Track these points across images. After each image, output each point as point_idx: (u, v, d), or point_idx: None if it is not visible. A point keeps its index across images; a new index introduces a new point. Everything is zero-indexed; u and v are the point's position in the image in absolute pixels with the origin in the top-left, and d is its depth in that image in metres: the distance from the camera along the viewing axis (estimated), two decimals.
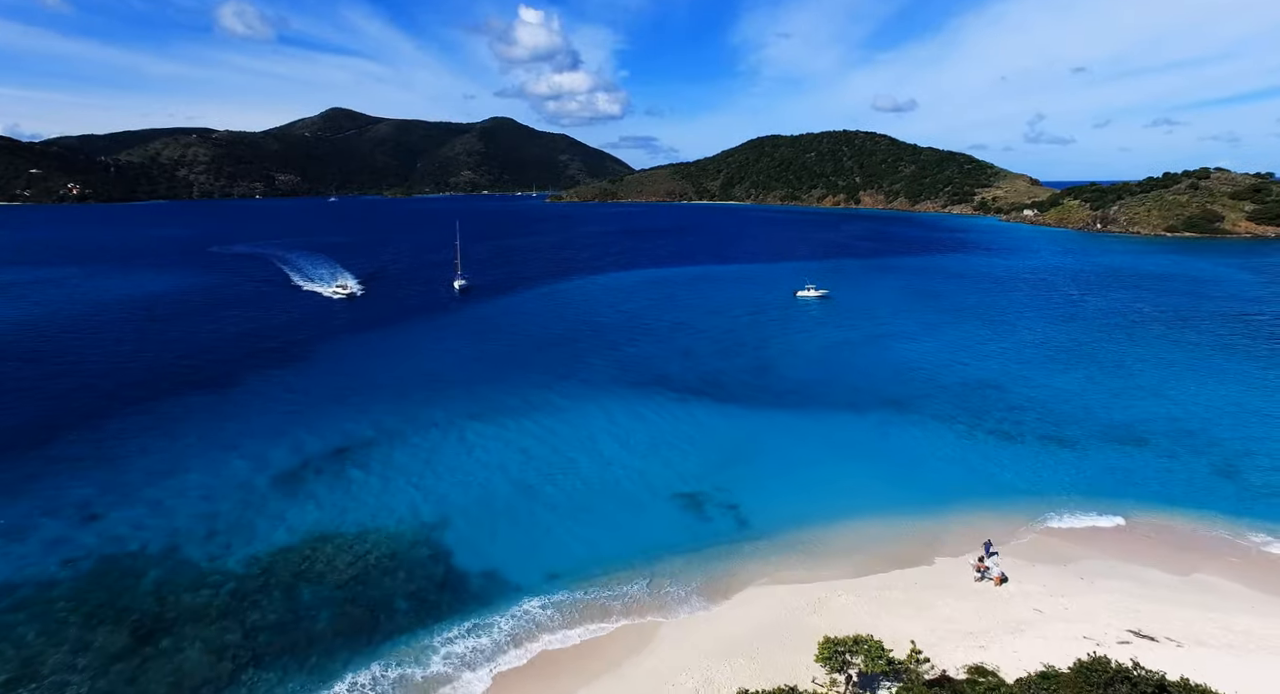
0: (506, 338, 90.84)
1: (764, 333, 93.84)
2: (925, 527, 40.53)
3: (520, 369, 75.51)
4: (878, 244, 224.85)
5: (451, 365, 76.76)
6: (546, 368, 76.17)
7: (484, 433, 56.62)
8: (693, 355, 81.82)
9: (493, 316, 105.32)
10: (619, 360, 79.71)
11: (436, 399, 64.61)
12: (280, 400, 64.35)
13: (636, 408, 62.53)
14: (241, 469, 49.30)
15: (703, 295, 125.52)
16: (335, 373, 73.50)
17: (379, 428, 57.58)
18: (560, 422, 59.17)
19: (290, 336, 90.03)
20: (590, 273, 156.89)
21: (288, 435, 55.60)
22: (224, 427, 57.51)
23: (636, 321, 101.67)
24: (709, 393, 67.19)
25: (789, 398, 65.44)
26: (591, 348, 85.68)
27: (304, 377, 72.10)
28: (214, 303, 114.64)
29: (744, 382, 70.98)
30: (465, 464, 50.63)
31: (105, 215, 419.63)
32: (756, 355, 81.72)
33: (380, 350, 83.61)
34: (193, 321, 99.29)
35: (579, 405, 63.42)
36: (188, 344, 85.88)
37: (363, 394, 66.10)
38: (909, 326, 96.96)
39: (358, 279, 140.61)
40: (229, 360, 78.32)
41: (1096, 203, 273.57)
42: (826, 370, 75.10)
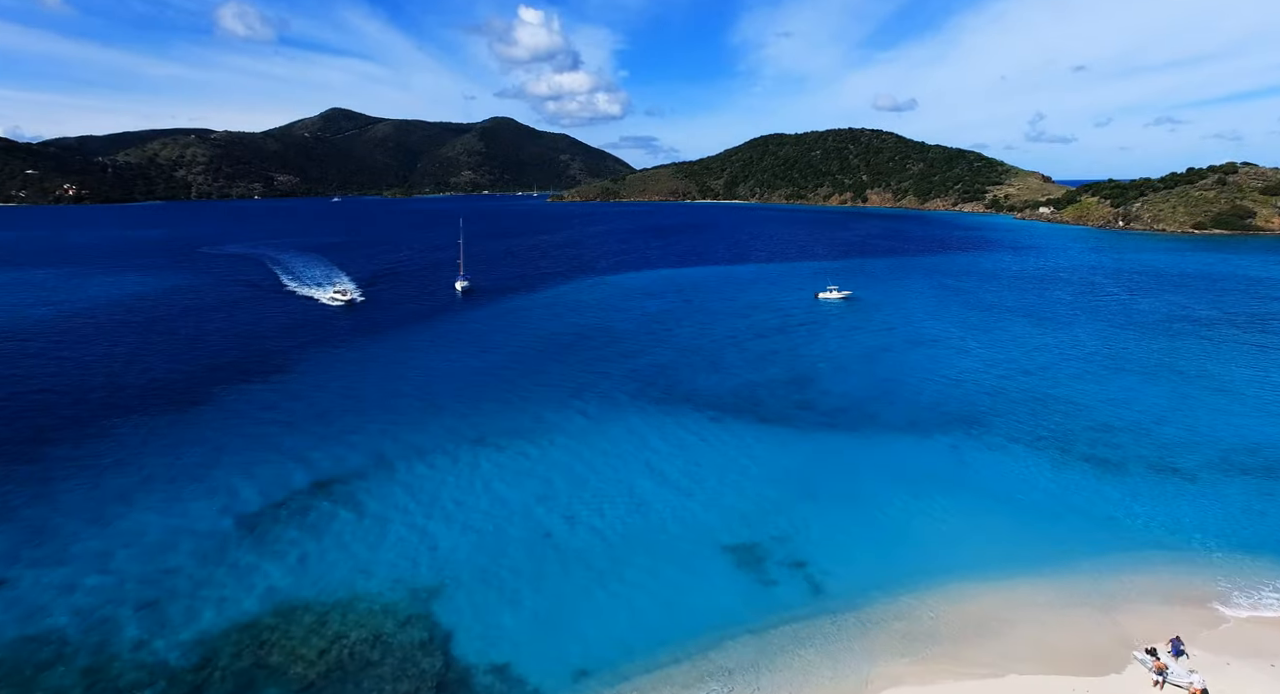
0: (513, 346, 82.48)
1: (795, 339, 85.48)
2: (1048, 597, 32.10)
3: (531, 383, 67.16)
4: (894, 243, 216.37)
5: (453, 380, 68.37)
6: (560, 381, 67.82)
7: (492, 462, 48.31)
8: (721, 366, 73.44)
9: (497, 322, 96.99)
10: (640, 372, 71.32)
11: (436, 420, 56.29)
12: (258, 422, 56.00)
13: (668, 430, 54.17)
14: (202, 512, 41.00)
15: (721, 297, 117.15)
16: (322, 389, 65.12)
17: (369, 455, 49.27)
18: (580, 448, 50.83)
19: (274, 347, 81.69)
20: (600, 273, 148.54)
21: (262, 466, 47.31)
22: (189, 455, 49.19)
23: (654, 327, 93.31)
24: (747, 411, 58.82)
25: (840, 417, 57.02)
26: (608, 357, 77.33)
27: (286, 393, 63.76)
28: (196, 308, 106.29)
29: (785, 397, 62.54)
30: (471, 502, 42.33)
31: (98, 216, 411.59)
32: (792, 365, 73.32)
33: (373, 362, 75.26)
34: (170, 329, 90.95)
35: (600, 427, 55.08)
36: (162, 354, 77.56)
37: (352, 414, 57.75)
38: (951, 330, 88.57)
39: (354, 280, 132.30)
40: (204, 374, 69.99)
41: (1117, 199, 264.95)
42: (874, 382, 66.68)
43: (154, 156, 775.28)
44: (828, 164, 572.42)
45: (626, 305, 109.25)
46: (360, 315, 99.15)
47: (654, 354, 78.74)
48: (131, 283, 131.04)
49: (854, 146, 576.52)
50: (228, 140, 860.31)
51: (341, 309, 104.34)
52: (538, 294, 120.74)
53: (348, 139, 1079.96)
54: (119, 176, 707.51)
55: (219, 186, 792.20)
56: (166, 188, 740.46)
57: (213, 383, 66.38)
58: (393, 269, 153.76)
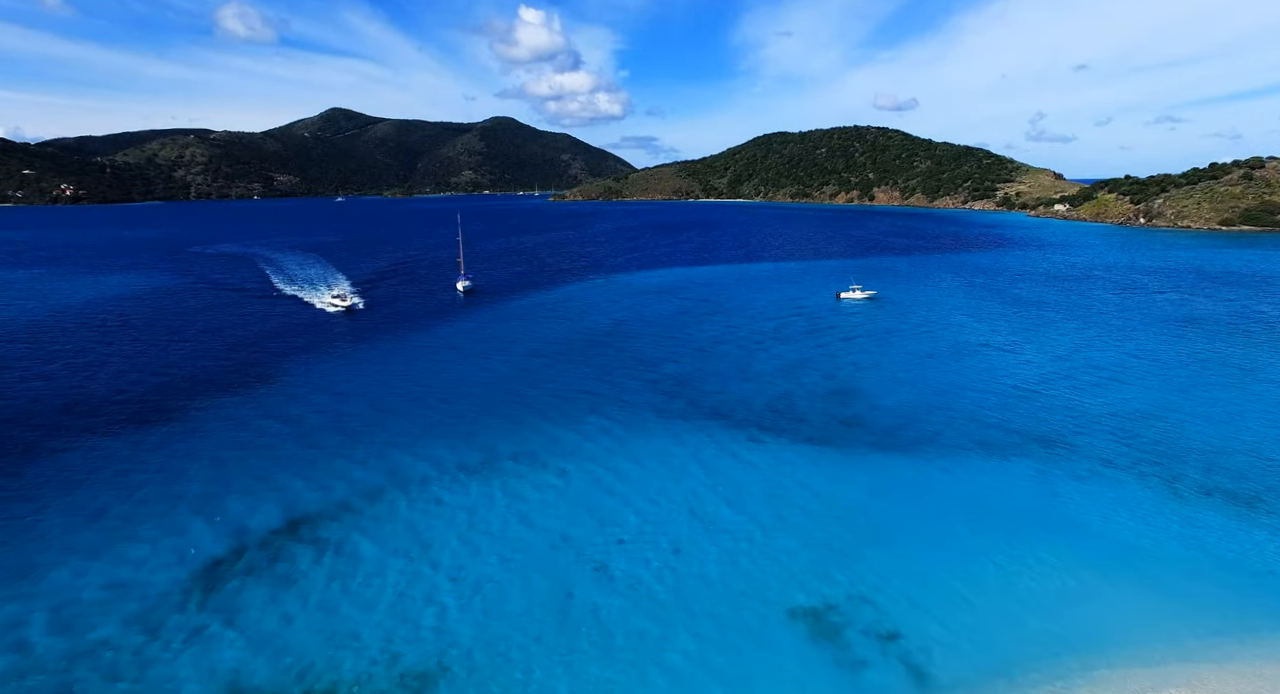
0: (521, 353, 75.23)
1: (827, 343, 78.20)
2: (1241, 684, 24.83)
3: (543, 396, 59.91)
4: (910, 240, 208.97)
5: (458, 393, 61.09)
6: (575, 393, 60.58)
7: (507, 494, 41.14)
8: (752, 374, 66.16)
9: (503, 325, 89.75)
10: (663, 381, 64.05)
11: (439, 442, 49.07)
12: (231, 445, 48.82)
13: (703, 452, 46.96)
14: (155, 561, 33.94)
15: (739, 297, 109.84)
16: (308, 405, 57.89)
17: (361, 486, 42.13)
18: (605, 475, 43.63)
19: (259, 356, 74.51)
20: (609, 271, 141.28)
21: (233, 500, 40.21)
22: (146, 486, 42.09)
23: (672, 330, 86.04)
24: (789, 428, 51.56)
25: (896, 436, 49.74)
26: (625, 364, 70.08)
27: (266, 410, 56.54)
28: (174, 313, 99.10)
29: (829, 412, 55.25)
30: (483, 546, 35.22)
31: (92, 216, 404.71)
32: (830, 374, 66.02)
33: (368, 374, 68.03)
34: (143, 336, 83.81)
35: (625, 449, 47.85)
36: (129, 365, 70.41)
37: (341, 435, 50.55)
38: (998, 334, 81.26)
39: (351, 280, 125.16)
40: (176, 387, 62.84)
41: (1137, 196, 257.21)
42: (927, 394, 59.36)
43: (153, 157, 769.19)
44: (833, 162, 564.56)
45: (640, 306, 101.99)
46: (357, 322, 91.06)
47: (675, 360, 71.50)
48: (109, 284, 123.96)
49: (860, 144, 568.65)
50: (227, 140, 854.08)
51: (339, 315, 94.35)
52: (544, 294, 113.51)
53: (348, 139, 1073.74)
54: (117, 177, 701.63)
55: (218, 187, 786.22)
56: (165, 188, 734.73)
57: (183, 398, 59.21)
58: (392, 269, 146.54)
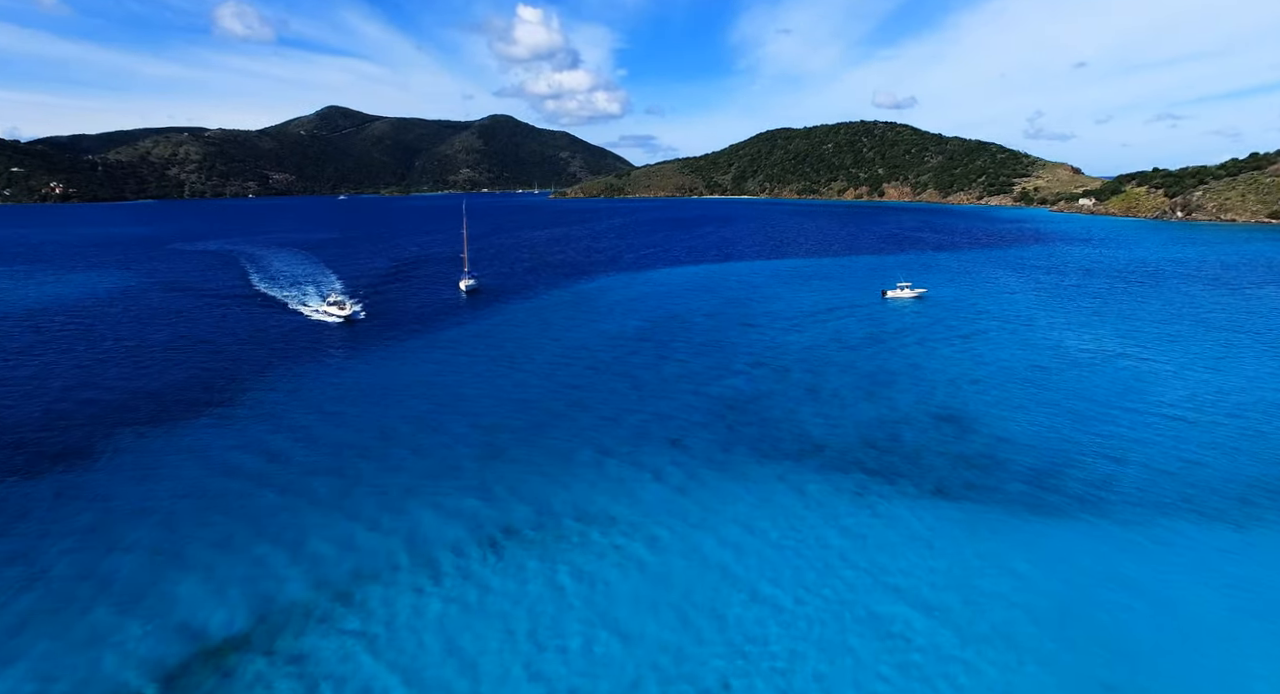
0: (544, 364, 62.51)
1: (900, 351, 65.57)
2: None
3: (586, 421, 47.27)
4: (942, 236, 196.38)
5: (480, 418, 48.33)
6: (623, 418, 47.94)
7: (568, 577, 28.56)
8: (824, 394, 53.49)
9: (519, 329, 76.98)
10: (719, 404, 51.38)
11: (463, 491, 36.49)
12: (187, 491, 36.23)
13: (800, 515, 34.30)
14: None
15: (778, 297, 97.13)
16: (290, 434, 45.22)
17: (358, 564, 29.66)
18: (704, 547, 31.11)
19: (232, 369, 61.76)
20: (626, 268, 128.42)
21: (173, 584, 27.70)
22: (64, 558, 29.42)
23: (714, 336, 73.37)
24: (906, 472, 38.95)
25: (1060, 488, 37.02)
26: (666, 380, 57.40)
27: (237, 440, 43.88)
28: (145, 317, 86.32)
29: (948, 449, 42.59)
30: (541, 676, 22.49)
31: (79, 214, 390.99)
32: (924, 393, 53.37)
33: (366, 393, 55.28)
34: (102, 345, 71.08)
35: (719, 502, 35.25)
36: (83, 376, 57.66)
37: (333, 479, 37.90)
38: (1112, 341, 68.62)
39: (347, 281, 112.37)
40: (131, 406, 50.14)
41: (1172, 188, 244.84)
42: (1062, 420, 46.71)
43: (146, 155, 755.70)
44: (840, 157, 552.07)
45: (671, 307, 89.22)
46: (356, 332, 76.39)
47: (726, 375, 58.83)
48: (73, 285, 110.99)
49: (867, 139, 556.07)
50: (222, 138, 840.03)
51: (338, 327, 78.02)
52: (559, 293, 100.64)
53: (344, 137, 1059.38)
54: (109, 175, 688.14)
55: (213, 185, 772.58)
56: (159, 187, 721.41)
57: (141, 422, 46.48)
58: (393, 268, 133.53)
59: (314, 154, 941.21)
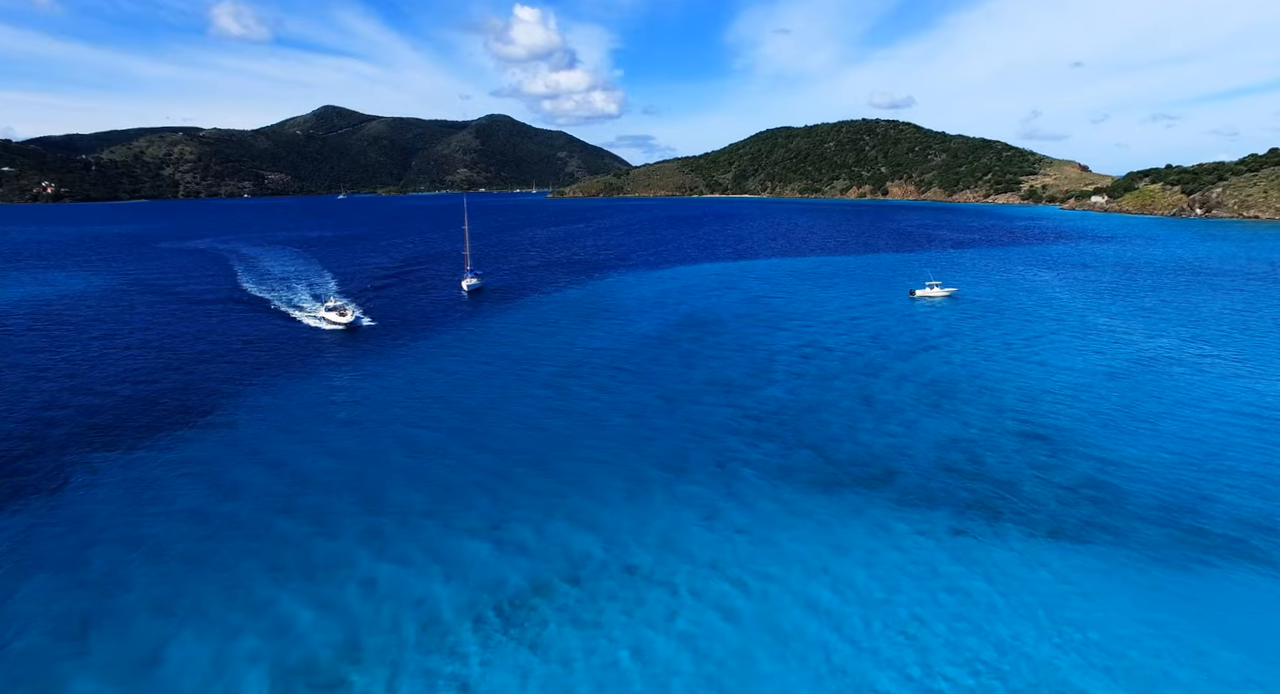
0: (548, 377, 55.79)
1: (955, 357, 58.98)
2: None
3: (588, 453, 40.44)
4: (959, 233, 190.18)
5: (465, 451, 41.50)
6: (633, 444, 41.20)
7: (563, 660, 21.74)
8: (879, 408, 46.86)
9: (521, 336, 70.25)
10: (757, 421, 44.72)
11: (437, 549, 29.65)
12: (132, 539, 29.45)
13: (893, 566, 27.61)
14: None
15: (801, 296, 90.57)
16: (269, 458, 38.51)
17: (294, 649, 22.72)
18: (805, 592, 24.35)
19: (206, 380, 55.06)
20: (635, 266, 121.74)
21: (108, 669, 20.85)
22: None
23: (742, 340, 66.73)
24: (1005, 508, 32.35)
25: (1212, 527, 30.44)
26: (695, 391, 50.71)
27: (205, 468, 37.11)
28: (110, 325, 79.56)
29: (1046, 477, 35.94)
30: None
31: (69, 213, 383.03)
32: (995, 404, 46.79)
33: (364, 408, 48.58)
34: (53, 355, 64.24)
35: (751, 559, 28.48)
36: (27, 392, 50.83)
37: (279, 543, 31.11)
38: (1179, 340, 62.20)
39: (347, 282, 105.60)
40: (89, 423, 43.34)
41: (1189, 185, 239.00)
42: (1184, 443, 40.07)
43: (140, 154, 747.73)
44: (843, 156, 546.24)
45: (688, 307, 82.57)
46: (358, 341, 67.90)
47: (764, 384, 52.21)
48: (44, 285, 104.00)
49: (870, 137, 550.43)
50: (217, 138, 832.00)
51: (338, 334, 69.18)
52: (567, 294, 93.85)
53: (341, 137, 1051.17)
54: (103, 174, 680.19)
55: (207, 185, 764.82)
56: (153, 186, 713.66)
57: (86, 443, 39.68)
58: (392, 268, 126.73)
59: (310, 154, 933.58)
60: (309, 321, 74.43)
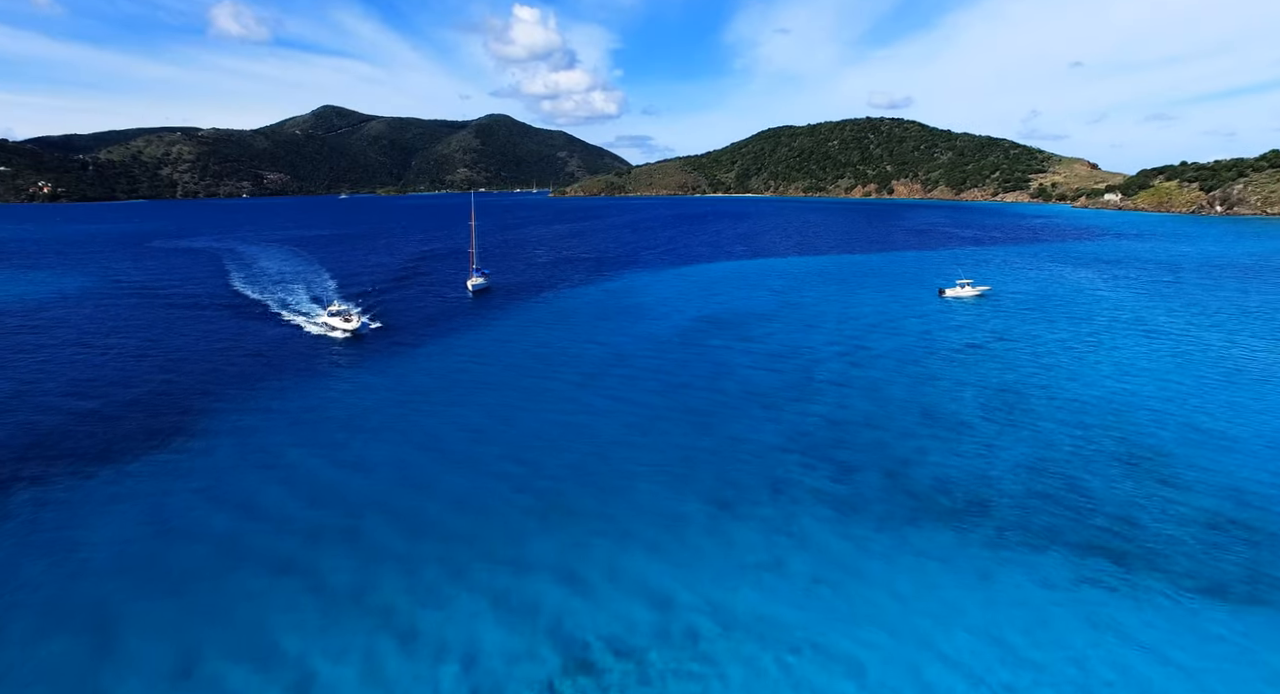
0: (566, 386, 50.20)
1: (1018, 364, 53.38)
2: None
3: (619, 478, 34.81)
4: (977, 231, 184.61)
5: (485, 479, 35.94)
6: (670, 466, 35.63)
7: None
8: (947, 423, 41.25)
9: (535, 340, 64.59)
10: (809, 438, 39.12)
11: (451, 607, 24.05)
12: (49, 585, 23.78)
13: (1012, 630, 21.99)
14: None
15: (830, 297, 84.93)
16: (222, 505, 32.90)
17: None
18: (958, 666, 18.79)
19: (174, 402, 49.52)
20: (648, 266, 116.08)
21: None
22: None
23: (770, 343, 61.06)
24: (1136, 554, 26.78)
25: None
26: (730, 407, 45.02)
27: (152, 513, 31.51)
28: (90, 330, 74.00)
29: (1173, 512, 30.36)
30: None
31: (63, 212, 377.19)
32: (1080, 422, 41.17)
33: (341, 439, 43.02)
34: (28, 356, 58.64)
35: (833, 620, 22.86)
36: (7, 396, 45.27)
37: (274, 586, 25.50)
38: (1268, 343, 56.62)
39: (340, 279, 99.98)
40: (43, 446, 37.73)
41: (1207, 182, 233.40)
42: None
43: (138, 154, 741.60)
44: (847, 154, 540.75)
45: (711, 310, 76.91)
46: (363, 348, 60.40)
47: (808, 395, 46.59)
48: (26, 285, 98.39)
49: (874, 136, 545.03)
50: (215, 138, 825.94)
51: (341, 342, 61.76)
52: (580, 294, 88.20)
53: (340, 137, 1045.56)
54: (100, 174, 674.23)
55: (206, 185, 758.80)
56: (151, 186, 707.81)
57: (64, 461, 34.07)
58: (397, 268, 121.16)
59: (309, 154, 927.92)
60: (311, 327, 66.81)
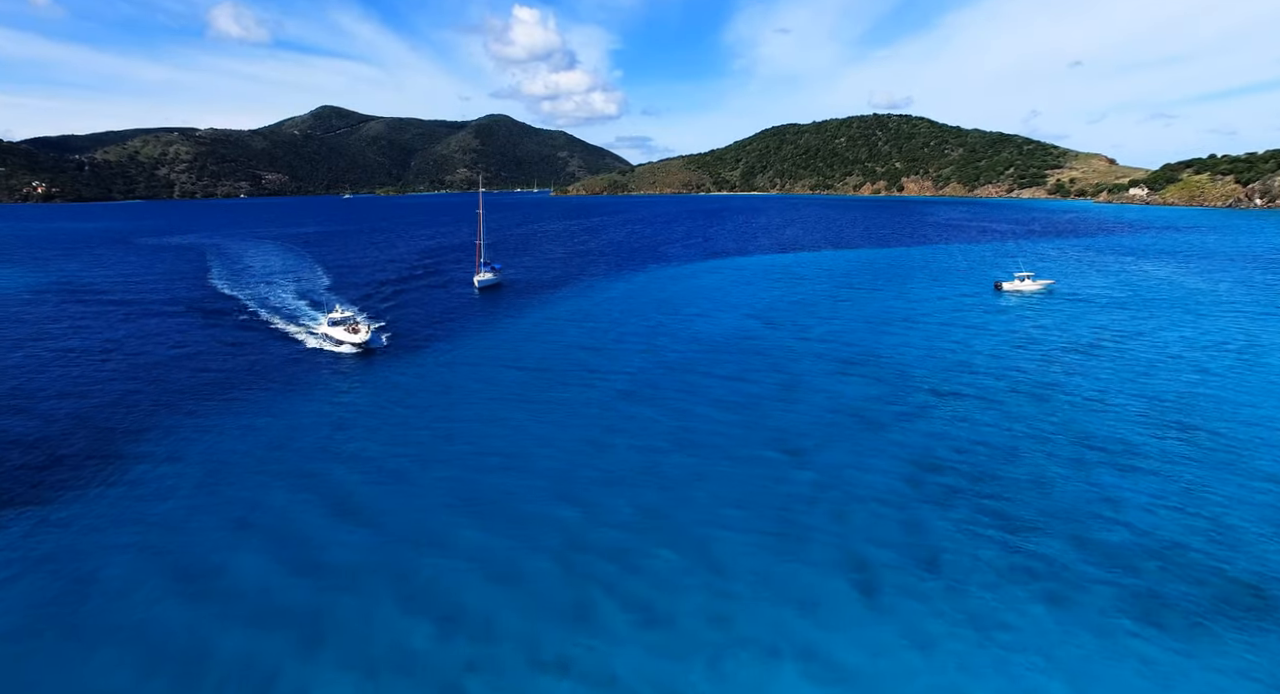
0: (609, 401, 40.45)
1: (1166, 371, 43.69)
2: None
3: (702, 532, 25.06)
4: (1010, 225, 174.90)
5: (521, 540, 26.21)
6: (765, 515, 25.87)
7: None
8: (1116, 451, 31.63)
9: (559, 344, 54.78)
10: (944, 481, 29.44)
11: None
12: None
13: None
14: None
15: (879, 290, 75.13)
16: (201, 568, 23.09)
17: None
18: None
19: (132, 423, 39.80)
20: (672, 260, 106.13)
21: None
22: None
23: (842, 347, 51.20)
24: None
25: None
26: (820, 428, 35.35)
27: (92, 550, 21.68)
28: (43, 340, 64.20)
29: None
30: None
31: (52, 212, 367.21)
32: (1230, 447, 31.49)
33: (350, 487, 33.26)
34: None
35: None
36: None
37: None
38: None
39: (340, 279, 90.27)
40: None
41: (1243, 174, 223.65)
42: None
43: (134, 154, 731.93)
44: (855, 152, 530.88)
45: (757, 306, 66.89)
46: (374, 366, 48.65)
47: (917, 413, 36.86)
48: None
49: (882, 133, 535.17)
50: (213, 138, 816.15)
51: (348, 357, 49.59)
52: (604, 290, 78.15)
53: (339, 137, 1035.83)
54: (96, 175, 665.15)
55: (203, 185, 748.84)
56: (147, 187, 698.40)
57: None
58: (404, 268, 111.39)
59: (308, 154, 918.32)
60: (311, 341, 53.88)
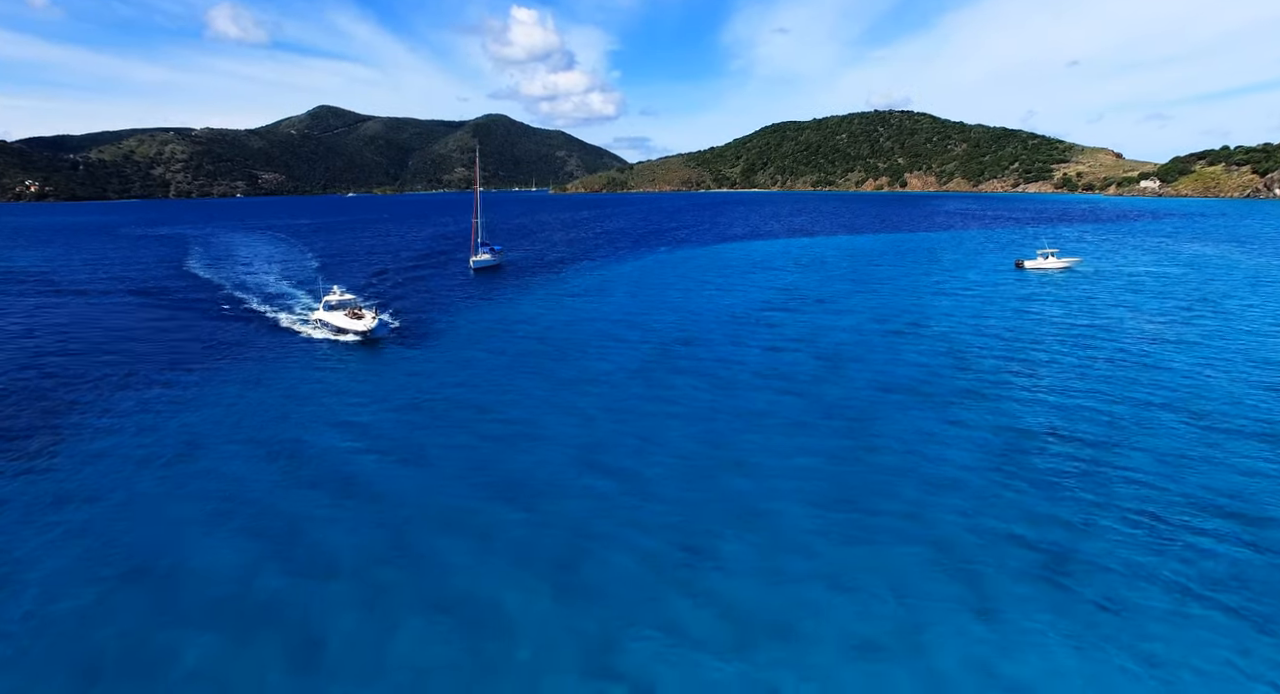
0: (660, 380, 35.29)
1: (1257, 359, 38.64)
2: None
3: (738, 559, 19.88)
4: (1024, 213, 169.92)
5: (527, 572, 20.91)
6: (854, 529, 20.66)
7: None
8: (1239, 437, 26.36)
9: (594, 317, 49.62)
10: (1073, 488, 24.26)
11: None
12: None
13: None
14: None
15: (905, 270, 69.99)
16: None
17: None
18: None
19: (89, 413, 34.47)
20: (682, 242, 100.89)
21: None
22: None
23: (880, 324, 46.20)
24: None
25: None
26: (883, 413, 30.28)
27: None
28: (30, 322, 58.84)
29: None
30: None
31: (42, 209, 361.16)
32: None
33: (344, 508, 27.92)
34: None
35: None
36: None
37: None
38: None
39: (321, 258, 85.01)
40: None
41: (1261, 165, 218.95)
42: None
43: (130, 154, 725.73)
44: (856, 148, 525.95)
45: (781, 283, 61.77)
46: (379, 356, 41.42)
47: (998, 397, 31.75)
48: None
49: (884, 129, 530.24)
50: (209, 138, 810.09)
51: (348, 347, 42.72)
52: (614, 271, 72.80)
53: (336, 136, 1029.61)
54: (91, 174, 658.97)
55: (199, 185, 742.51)
56: (143, 186, 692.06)
57: None
58: (408, 260, 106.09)
59: (305, 154, 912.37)
60: (303, 328, 47.92)
